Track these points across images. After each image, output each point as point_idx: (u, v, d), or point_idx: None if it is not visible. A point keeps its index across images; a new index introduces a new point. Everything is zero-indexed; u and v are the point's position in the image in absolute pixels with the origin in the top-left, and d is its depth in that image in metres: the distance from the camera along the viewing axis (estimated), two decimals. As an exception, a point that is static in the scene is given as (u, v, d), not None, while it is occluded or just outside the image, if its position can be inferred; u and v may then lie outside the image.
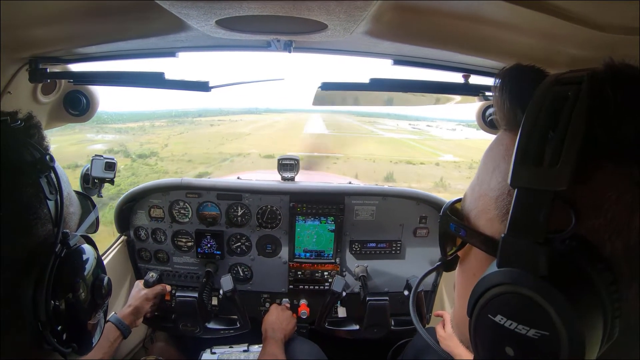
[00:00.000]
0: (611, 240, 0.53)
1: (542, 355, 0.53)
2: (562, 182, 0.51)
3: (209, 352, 2.63)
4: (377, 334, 2.63)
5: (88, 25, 1.35)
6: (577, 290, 0.51)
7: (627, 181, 0.52)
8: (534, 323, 0.53)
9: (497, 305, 0.57)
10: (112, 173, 2.20)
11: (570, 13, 1.00)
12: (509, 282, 0.55)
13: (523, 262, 0.54)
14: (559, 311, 0.50)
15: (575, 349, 0.50)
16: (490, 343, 0.59)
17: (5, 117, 0.77)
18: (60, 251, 0.78)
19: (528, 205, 0.54)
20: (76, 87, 1.88)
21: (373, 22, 1.27)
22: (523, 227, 0.54)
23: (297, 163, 2.84)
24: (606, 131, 0.52)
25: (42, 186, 0.77)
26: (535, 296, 0.52)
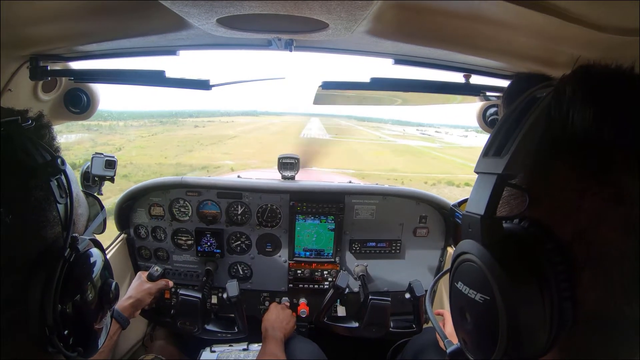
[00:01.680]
0: (562, 224, 0.58)
1: (486, 320, 0.60)
2: (508, 168, 0.58)
3: (208, 351, 2.63)
4: (376, 333, 2.63)
5: (89, 23, 1.35)
6: (518, 264, 0.57)
7: (577, 169, 0.57)
8: (479, 288, 0.60)
9: (459, 273, 0.66)
10: (113, 171, 2.19)
11: (571, 14, 1.00)
12: (465, 251, 0.64)
13: (473, 234, 0.62)
14: (496, 277, 0.57)
15: (511, 315, 0.55)
16: (457, 310, 0.68)
17: (15, 117, 0.75)
18: (69, 255, 0.77)
19: (480, 187, 0.62)
20: (77, 85, 1.88)
21: (374, 22, 1.27)
22: (475, 205, 0.61)
23: (297, 162, 2.84)
24: (560, 125, 0.58)
25: (53, 189, 0.76)
26: (480, 263, 0.60)
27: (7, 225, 0.68)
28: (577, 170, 0.57)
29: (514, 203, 0.66)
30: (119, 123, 27.77)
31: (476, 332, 0.64)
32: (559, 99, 0.58)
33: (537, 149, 0.60)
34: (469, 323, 0.64)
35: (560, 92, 0.58)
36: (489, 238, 0.60)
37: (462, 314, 0.66)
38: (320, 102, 2.00)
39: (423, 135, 37.06)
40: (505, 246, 0.59)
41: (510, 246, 0.59)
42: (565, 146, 0.59)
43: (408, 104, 2.29)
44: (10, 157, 0.72)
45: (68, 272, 0.76)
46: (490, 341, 0.59)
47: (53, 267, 0.74)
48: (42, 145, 0.78)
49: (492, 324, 0.58)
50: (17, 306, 0.72)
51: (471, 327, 0.64)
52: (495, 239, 0.60)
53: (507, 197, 0.68)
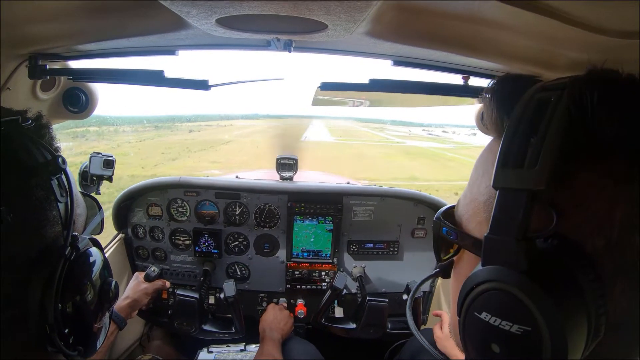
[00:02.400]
0: (592, 237, 0.54)
1: (525, 352, 0.54)
2: (539, 183, 0.53)
3: (205, 351, 2.63)
4: (373, 334, 2.63)
5: (88, 22, 1.35)
6: (558, 286, 0.52)
7: (605, 178, 0.54)
8: (517, 319, 0.54)
9: (482, 302, 0.59)
10: (111, 170, 2.19)
11: (570, 16, 1.00)
12: (492, 279, 0.57)
13: (504, 259, 0.56)
14: (539, 306, 0.52)
15: (557, 345, 0.51)
16: (478, 341, 0.60)
17: (15, 116, 0.75)
18: (69, 254, 0.77)
19: (508, 204, 0.56)
20: (76, 84, 1.88)
21: (373, 23, 1.27)
22: (503, 226, 0.56)
23: (295, 162, 2.84)
24: (584, 131, 0.54)
25: (54, 188, 0.76)
26: (516, 291, 0.54)
27: (8, 223, 0.67)
28: (606, 178, 0.54)
29: (535, 217, 0.57)
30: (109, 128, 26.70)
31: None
32: (580, 103, 0.54)
33: (561, 157, 0.55)
34: (499, 355, 0.58)
35: (581, 96, 0.54)
36: (527, 263, 0.54)
37: (485, 346, 0.59)
38: (319, 103, 2.00)
39: (430, 135, 35.79)
40: (544, 271, 0.54)
41: (547, 270, 0.54)
42: (591, 154, 0.55)
43: (406, 106, 2.29)
44: (10, 156, 0.72)
45: (69, 270, 0.76)
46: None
47: (54, 265, 0.74)
48: (42, 144, 0.78)
49: (534, 355, 0.53)
50: (17, 305, 0.71)
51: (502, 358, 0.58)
52: (533, 264, 0.54)
53: None
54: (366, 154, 32.01)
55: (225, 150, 28.99)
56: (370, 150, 33.71)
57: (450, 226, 0.74)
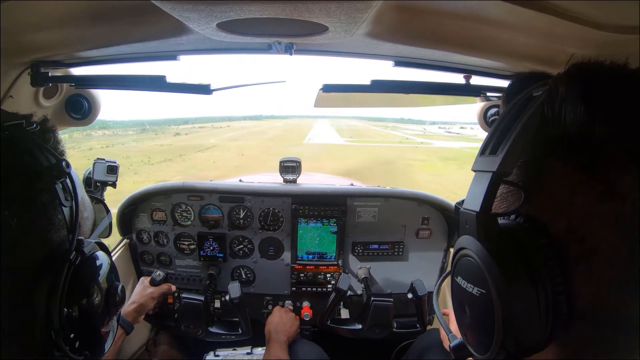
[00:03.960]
0: (555, 219, 0.59)
1: (482, 312, 0.61)
2: (502, 166, 0.60)
3: (212, 355, 2.63)
4: (379, 334, 2.62)
5: (89, 29, 1.35)
6: (512, 258, 0.59)
7: (570, 166, 0.59)
8: (476, 282, 0.62)
9: (458, 268, 0.68)
10: (114, 176, 2.20)
11: (570, 12, 1.00)
12: (462, 247, 0.66)
13: (470, 230, 0.64)
14: (490, 272, 0.59)
15: (505, 308, 0.57)
16: (457, 304, 0.70)
17: (20, 120, 0.76)
18: (74, 258, 0.77)
19: (476, 184, 0.64)
20: (78, 90, 1.89)
21: (374, 24, 1.27)
22: (472, 202, 0.63)
23: (299, 165, 2.84)
24: (553, 121, 0.59)
25: (58, 192, 0.76)
26: (475, 258, 0.62)
27: (12, 228, 0.68)
28: (569, 166, 0.59)
29: (511, 200, 0.68)
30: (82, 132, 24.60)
31: (475, 325, 0.65)
32: (552, 97, 0.59)
33: (532, 146, 0.62)
34: (468, 317, 0.66)
35: (553, 90, 0.59)
36: (484, 233, 0.61)
37: (462, 308, 0.68)
38: (321, 104, 2.00)
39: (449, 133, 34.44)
40: (500, 241, 0.61)
41: (505, 241, 0.61)
42: (558, 143, 0.60)
43: (409, 106, 2.29)
44: (15, 160, 0.72)
45: (74, 275, 0.76)
46: (488, 335, 0.60)
47: (59, 270, 0.74)
48: (47, 148, 0.78)
49: (489, 317, 0.59)
50: (23, 310, 0.71)
51: (470, 320, 0.66)
52: (490, 234, 0.61)
53: (505, 194, 0.69)
54: (391, 159, 28.92)
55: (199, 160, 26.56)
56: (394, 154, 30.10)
57: None
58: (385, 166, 21.58)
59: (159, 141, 33.88)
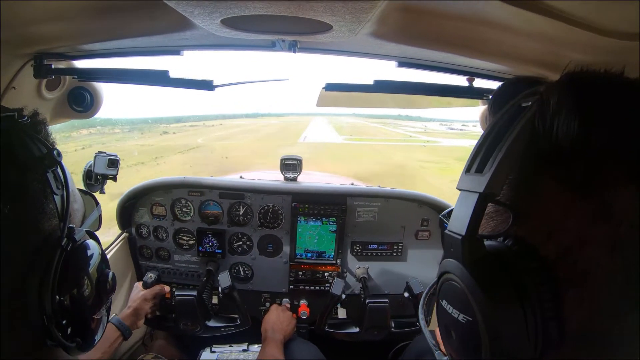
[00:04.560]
0: (546, 242, 0.56)
1: (469, 340, 0.58)
2: (489, 187, 0.56)
3: (208, 351, 2.63)
4: (377, 336, 2.63)
5: (93, 22, 1.35)
6: (500, 284, 0.56)
7: (563, 185, 0.56)
8: (462, 308, 0.59)
9: (443, 291, 0.65)
10: (115, 170, 2.20)
11: (575, 18, 0.99)
12: (447, 270, 0.62)
13: (454, 253, 0.60)
14: (476, 299, 0.56)
15: (493, 336, 0.54)
16: (443, 327, 0.67)
17: (12, 113, 0.77)
18: (66, 245, 0.78)
19: (462, 205, 0.61)
20: (81, 83, 1.89)
21: (378, 24, 1.27)
22: (457, 224, 0.60)
23: (299, 163, 2.84)
24: (545, 136, 0.56)
25: (49, 181, 0.77)
26: (460, 284, 0.59)
27: (5, 216, 0.68)
28: (561, 185, 0.56)
29: (499, 219, 0.64)
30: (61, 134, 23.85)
31: (461, 350, 0.63)
32: (543, 109, 0.56)
33: (522, 163, 0.59)
34: (454, 341, 0.63)
35: (544, 102, 0.56)
36: (470, 258, 0.58)
37: (447, 331, 0.65)
38: (324, 103, 2.00)
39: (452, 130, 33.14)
40: (487, 266, 0.58)
41: (492, 266, 0.58)
42: (551, 160, 0.57)
43: (411, 107, 2.29)
44: (7, 150, 0.73)
45: (65, 261, 0.77)
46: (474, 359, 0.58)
47: (51, 256, 0.75)
48: (38, 138, 0.79)
49: (475, 344, 0.57)
50: (15, 296, 0.72)
51: (456, 345, 0.63)
52: (476, 260, 0.58)
53: (492, 212, 0.67)
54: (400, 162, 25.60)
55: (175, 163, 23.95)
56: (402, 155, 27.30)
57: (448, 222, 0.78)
58: (397, 170, 19.94)
59: (144, 141, 32.53)
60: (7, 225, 0.70)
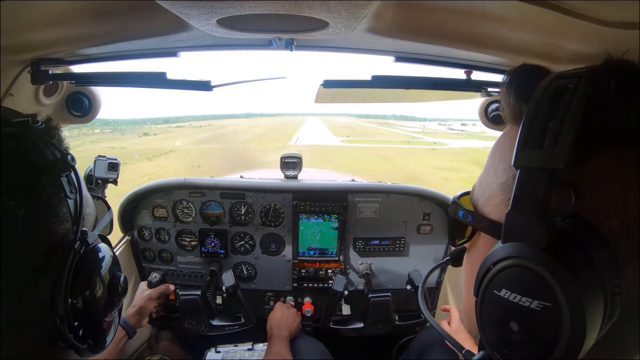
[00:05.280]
0: (609, 218, 0.56)
1: (544, 329, 0.55)
2: (559, 161, 0.54)
3: (213, 351, 2.64)
4: (382, 330, 2.64)
5: (89, 26, 1.35)
6: (577, 264, 0.54)
7: (621, 162, 0.56)
8: (537, 294, 0.55)
9: (502, 279, 0.60)
10: (115, 173, 2.20)
11: (572, 8, 0.99)
12: (512, 256, 0.58)
13: (525, 235, 0.57)
14: (560, 282, 0.53)
15: (576, 321, 0.52)
16: (496, 319, 0.62)
17: (26, 118, 0.78)
18: (79, 248, 0.79)
19: (529, 182, 0.57)
20: (78, 88, 1.88)
21: (374, 20, 1.27)
22: (524, 203, 0.57)
23: (299, 161, 2.84)
24: (601, 116, 0.56)
25: (63, 185, 0.78)
26: (537, 268, 0.55)
27: (20, 218, 0.69)
28: (619, 163, 0.56)
29: (554, 198, 0.59)
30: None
31: (529, 341, 0.58)
32: (597, 90, 0.56)
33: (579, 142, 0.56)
34: (517, 333, 0.59)
35: (598, 84, 0.56)
36: (548, 240, 0.55)
37: (504, 323, 0.60)
38: (322, 100, 2.00)
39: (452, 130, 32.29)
40: (563, 248, 0.55)
41: (567, 247, 0.55)
42: (608, 140, 0.57)
43: (409, 101, 2.29)
44: (22, 154, 0.74)
45: (78, 264, 0.78)
46: (544, 350, 0.56)
47: (64, 259, 0.75)
48: (52, 143, 0.80)
49: (552, 330, 0.54)
50: (29, 297, 0.73)
51: (520, 337, 0.59)
52: (553, 240, 0.55)
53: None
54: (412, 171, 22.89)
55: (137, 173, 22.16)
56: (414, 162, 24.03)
57: (466, 209, 0.76)
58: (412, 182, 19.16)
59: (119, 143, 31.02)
60: (22, 228, 0.70)
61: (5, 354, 0.69)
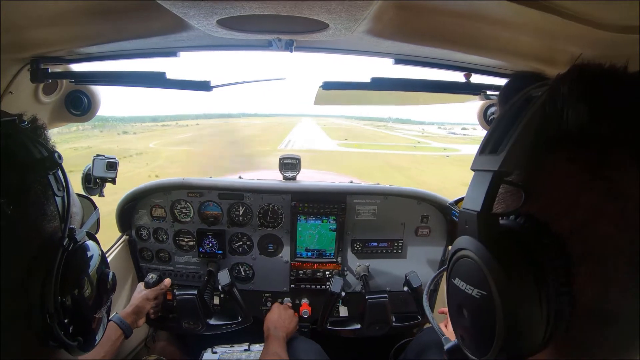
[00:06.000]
0: (559, 218, 0.59)
1: (483, 316, 0.60)
2: (505, 165, 0.59)
3: (210, 352, 2.63)
4: (379, 331, 2.63)
5: (89, 25, 1.35)
6: (514, 259, 0.58)
7: (574, 164, 0.58)
8: (476, 283, 0.61)
9: (457, 269, 0.67)
10: (114, 173, 2.20)
11: (571, 12, 1.00)
12: (461, 247, 0.65)
13: (470, 230, 0.63)
14: (491, 272, 0.58)
15: (508, 309, 0.56)
16: (455, 307, 0.68)
17: (13, 118, 0.79)
18: (67, 245, 0.79)
19: (477, 184, 0.63)
20: (77, 87, 1.88)
21: (374, 22, 1.27)
22: (472, 202, 0.62)
23: (298, 162, 2.84)
24: (555, 121, 0.59)
25: (51, 183, 0.79)
26: (475, 258, 0.61)
27: (8, 216, 0.70)
28: (572, 166, 0.59)
29: (510, 200, 0.67)
30: None
31: (473, 328, 0.65)
32: (554, 97, 0.59)
33: (533, 146, 0.61)
34: (466, 319, 0.65)
35: (555, 90, 0.59)
36: (486, 234, 0.60)
37: (459, 310, 0.67)
38: (321, 102, 2.00)
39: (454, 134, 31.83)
40: (501, 242, 0.60)
41: (506, 242, 0.60)
42: (561, 143, 0.60)
43: (408, 104, 2.29)
44: (9, 153, 0.75)
45: (67, 261, 0.78)
46: (487, 337, 0.60)
47: (53, 256, 0.76)
48: (39, 142, 0.81)
49: (489, 319, 0.58)
50: (17, 298, 0.73)
51: (468, 323, 0.65)
52: (491, 234, 0.60)
53: (503, 194, 0.69)
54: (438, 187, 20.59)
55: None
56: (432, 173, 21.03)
57: (456, 208, 0.81)
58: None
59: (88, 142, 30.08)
60: (10, 226, 0.71)
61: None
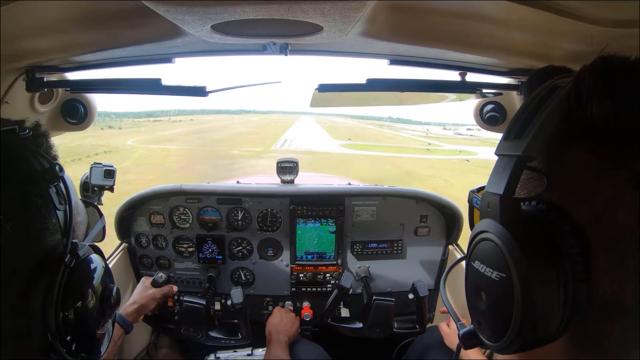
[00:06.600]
0: (578, 206, 0.58)
1: (501, 298, 0.60)
2: (526, 150, 0.60)
3: (213, 357, 2.63)
4: (380, 334, 2.63)
5: (84, 33, 1.35)
6: (535, 243, 0.58)
7: (595, 155, 0.58)
8: (496, 266, 0.61)
9: (476, 251, 0.67)
10: (112, 180, 2.19)
11: (565, 8, 1.00)
12: (483, 230, 0.65)
13: (492, 212, 0.63)
14: (511, 254, 0.58)
15: (526, 292, 0.56)
16: (473, 291, 0.68)
17: (13, 126, 0.76)
18: (69, 261, 0.77)
19: (500, 168, 0.64)
20: (73, 95, 1.88)
21: (368, 23, 1.27)
22: (494, 185, 0.63)
23: (296, 165, 2.84)
24: (579, 111, 0.59)
25: (52, 196, 0.76)
26: (496, 240, 0.61)
27: (7, 232, 0.68)
28: (594, 155, 0.58)
29: (532, 186, 0.67)
30: None
31: (491, 311, 0.65)
32: (579, 87, 0.59)
33: (556, 134, 0.61)
34: (484, 302, 0.65)
35: (580, 80, 0.59)
36: (508, 216, 0.61)
37: (477, 293, 0.67)
38: (317, 104, 2.01)
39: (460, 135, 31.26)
40: (522, 225, 0.60)
41: (527, 226, 0.60)
42: (584, 132, 0.60)
43: (404, 104, 2.30)
44: (9, 165, 0.72)
45: (69, 277, 0.76)
46: (504, 321, 0.60)
47: (54, 272, 0.74)
48: (40, 153, 0.78)
49: (507, 302, 0.58)
50: (18, 314, 0.72)
51: (486, 306, 0.65)
52: (513, 217, 0.61)
53: (525, 180, 0.69)
54: None
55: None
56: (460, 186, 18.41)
57: (477, 196, 0.81)
58: None
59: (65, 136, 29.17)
60: (10, 241, 0.69)
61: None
